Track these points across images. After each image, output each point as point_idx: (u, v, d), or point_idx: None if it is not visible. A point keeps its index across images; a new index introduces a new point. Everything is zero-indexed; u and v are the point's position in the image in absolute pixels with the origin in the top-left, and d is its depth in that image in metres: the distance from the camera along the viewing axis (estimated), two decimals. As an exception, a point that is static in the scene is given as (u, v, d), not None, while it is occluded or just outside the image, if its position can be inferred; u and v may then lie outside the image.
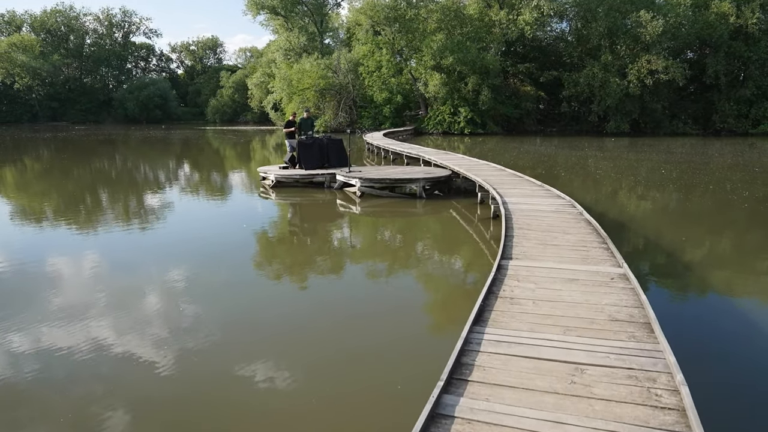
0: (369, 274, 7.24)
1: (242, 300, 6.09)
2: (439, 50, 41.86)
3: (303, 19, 61.12)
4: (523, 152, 27.98)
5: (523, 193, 9.13)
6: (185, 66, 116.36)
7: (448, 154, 18.14)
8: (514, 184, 10.19)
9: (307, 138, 14.47)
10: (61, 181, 17.90)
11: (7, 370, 4.37)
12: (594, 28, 42.15)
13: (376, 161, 22.72)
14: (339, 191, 13.29)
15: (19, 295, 6.21)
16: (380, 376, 4.27)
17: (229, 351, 4.71)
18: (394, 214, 11.45)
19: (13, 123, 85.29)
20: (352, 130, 13.86)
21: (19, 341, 4.88)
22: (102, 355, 4.64)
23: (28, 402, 3.91)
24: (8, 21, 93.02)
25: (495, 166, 13.73)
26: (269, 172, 13.99)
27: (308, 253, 8.24)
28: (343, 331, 5.21)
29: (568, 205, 8.21)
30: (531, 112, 46.67)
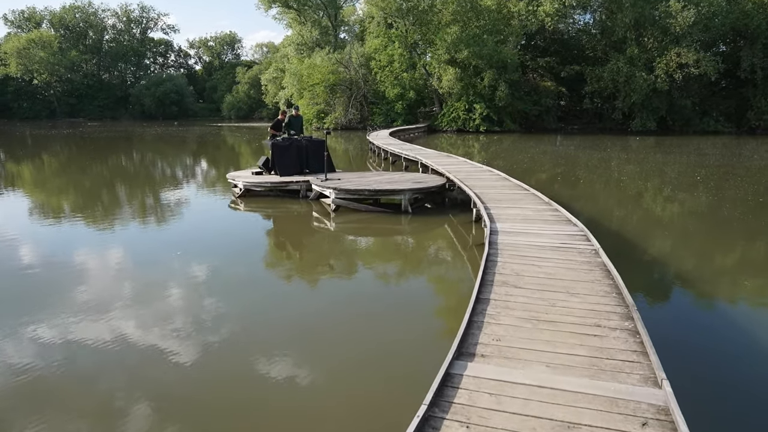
0: (306, 336, 5.45)
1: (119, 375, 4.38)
2: (453, 43, 39.78)
3: (317, 13, 59.48)
4: (540, 152, 25.87)
5: (524, 216, 7.16)
6: (203, 62, 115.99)
7: (449, 157, 16.22)
8: (515, 200, 8.27)
9: (283, 139, 12.70)
10: (57, 184, 16.53)
11: (35, 361, 4.45)
12: (619, 20, 39.54)
13: (377, 164, 20.89)
14: (316, 202, 11.51)
15: (43, 289, 6.43)
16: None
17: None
18: (371, 233, 9.63)
19: (31, 119, 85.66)
20: (327, 131, 11.98)
21: (45, 334, 5.01)
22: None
23: (55, 393, 4.00)
24: (28, 17, 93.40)
25: (498, 174, 11.78)
26: (238, 178, 12.27)
27: (229, 303, 6.43)
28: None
29: (580, 237, 6.13)
30: (551, 109, 44.25)
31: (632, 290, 4.32)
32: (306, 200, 11.73)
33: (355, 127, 45.61)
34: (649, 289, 6.17)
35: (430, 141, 34.56)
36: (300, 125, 13.49)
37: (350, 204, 10.35)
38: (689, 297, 6.10)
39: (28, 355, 4.55)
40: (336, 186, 10.27)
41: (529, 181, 16.41)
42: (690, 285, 6.47)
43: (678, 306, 5.81)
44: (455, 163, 14.18)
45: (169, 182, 16.97)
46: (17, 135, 44.68)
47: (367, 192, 10.03)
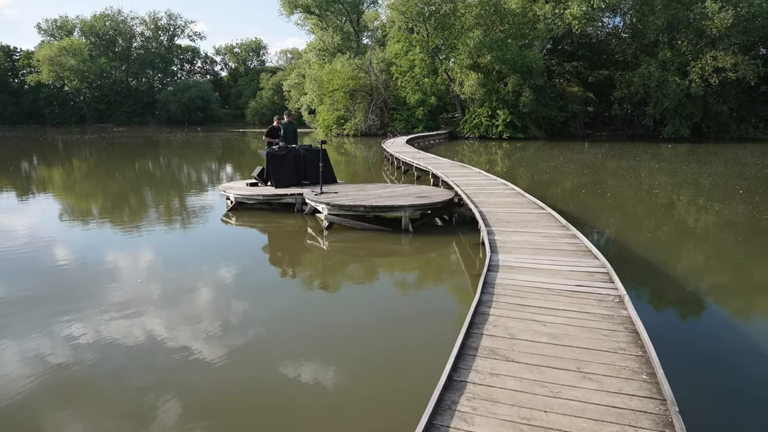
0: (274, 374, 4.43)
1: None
2: (476, 47, 38.54)
3: (339, 18, 58.93)
4: (566, 161, 24.48)
5: (534, 244, 5.93)
6: (229, 68, 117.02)
7: (463, 167, 15.06)
8: (526, 222, 7.04)
9: (279, 148, 11.76)
10: (85, 188, 15.99)
11: (67, 358, 4.62)
12: (651, 22, 37.76)
13: (391, 172, 19.84)
14: (311, 217, 10.53)
15: (77, 289, 6.67)
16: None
17: None
18: (365, 254, 8.58)
19: (62, 124, 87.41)
20: (322, 141, 10.98)
21: (77, 332, 5.17)
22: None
23: (86, 389, 4.14)
24: (60, 26, 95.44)
25: (512, 189, 10.58)
26: (230, 190, 11.36)
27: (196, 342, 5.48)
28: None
29: (602, 276, 4.81)
30: (578, 115, 42.56)
31: (669, 363, 3.16)
32: (301, 215, 10.74)
33: (375, 134, 44.72)
34: (694, 364, 4.44)
35: (451, 148, 33.41)
36: (292, 133, 12.52)
37: (344, 221, 9.31)
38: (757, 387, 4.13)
39: (61, 352, 4.76)
40: (329, 201, 9.25)
41: (551, 191, 15.31)
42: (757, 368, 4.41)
43: (741, 401, 4.02)
44: (468, 174, 13.03)
45: (171, 190, 16.22)
46: (49, 141, 45.08)
47: (362, 208, 8.98)
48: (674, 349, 4.57)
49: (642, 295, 6.24)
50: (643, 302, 5.99)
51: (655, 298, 6.27)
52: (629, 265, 7.36)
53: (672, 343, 4.69)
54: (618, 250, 8.26)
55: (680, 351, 4.62)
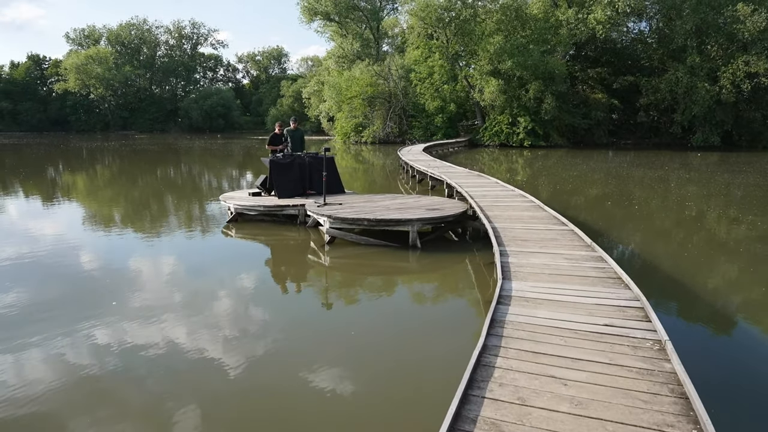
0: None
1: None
2: (496, 53, 37.69)
3: (359, 25, 58.63)
4: (589, 170, 23.48)
5: (555, 269, 5.14)
6: (250, 76, 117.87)
7: (480, 176, 14.26)
8: (546, 241, 6.22)
9: (283, 156, 11.15)
10: (108, 195, 15.67)
11: (91, 362, 4.65)
12: (679, 26, 36.47)
13: (406, 181, 19.12)
14: (314, 230, 9.87)
15: (99, 295, 6.61)
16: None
17: None
18: (367, 272, 7.88)
19: (87, 131, 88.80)
20: (326, 148, 10.31)
21: (101, 337, 5.22)
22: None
23: (108, 393, 4.16)
24: (88, 35, 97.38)
25: (532, 201, 9.76)
26: (231, 200, 10.77)
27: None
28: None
29: (636, 312, 3.96)
30: (602, 123, 41.29)
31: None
32: (304, 227, 10.08)
33: (394, 141, 44.10)
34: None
35: (470, 156, 32.58)
36: (300, 140, 11.89)
37: (347, 236, 8.62)
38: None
39: (84, 355, 4.84)
40: (331, 213, 8.57)
41: (574, 203, 14.41)
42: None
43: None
44: (484, 184, 12.24)
45: (177, 199, 15.74)
46: (72, 148, 45.57)
47: (366, 222, 8.27)
48: (736, 415, 3.72)
49: (686, 337, 5.15)
50: (689, 346, 4.81)
51: (701, 341, 5.13)
52: (667, 295, 6.45)
53: (729, 405, 3.86)
54: (652, 276, 7.28)
55: (738, 413, 3.78)
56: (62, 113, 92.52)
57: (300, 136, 12.12)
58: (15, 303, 6.33)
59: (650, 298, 4.31)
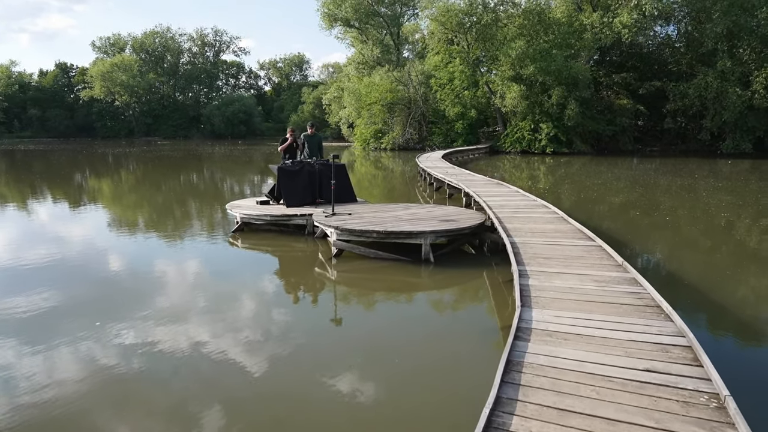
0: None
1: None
2: (518, 58, 36.93)
3: (379, 31, 58.39)
4: (614, 178, 22.60)
5: (583, 294, 4.48)
6: (272, 83, 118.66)
7: (499, 185, 13.60)
8: (572, 259, 5.54)
9: (292, 162, 10.67)
10: (132, 200, 15.50)
11: (118, 363, 4.73)
12: (709, 30, 35.24)
13: (423, 189, 18.53)
14: (323, 240, 9.35)
15: (127, 298, 6.69)
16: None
17: None
18: (376, 289, 7.33)
19: (112, 138, 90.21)
20: (335, 156, 9.78)
21: (128, 338, 5.31)
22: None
23: (133, 394, 4.24)
24: (113, 43, 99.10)
25: (555, 213, 9.08)
26: (238, 208, 10.32)
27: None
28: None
29: (683, 354, 3.29)
30: (627, 129, 40.13)
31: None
32: (312, 238, 9.58)
33: (413, 148, 43.55)
34: None
35: (491, 163, 31.87)
36: (317, 146, 11.41)
37: (355, 248, 8.07)
38: None
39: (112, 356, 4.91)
40: (339, 224, 8.04)
41: (599, 212, 13.64)
42: None
43: None
44: (504, 193, 11.59)
45: (188, 205, 15.41)
46: (97, 154, 46.12)
47: (375, 234, 7.71)
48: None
49: (753, 391, 4.05)
50: (759, 403, 3.84)
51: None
52: (718, 329, 5.54)
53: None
54: (696, 302, 6.35)
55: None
56: (88, 120, 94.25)
57: (318, 141, 11.66)
58: (40, 304, 6.42)
59: (698, 332, 3.65)
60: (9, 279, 7.70)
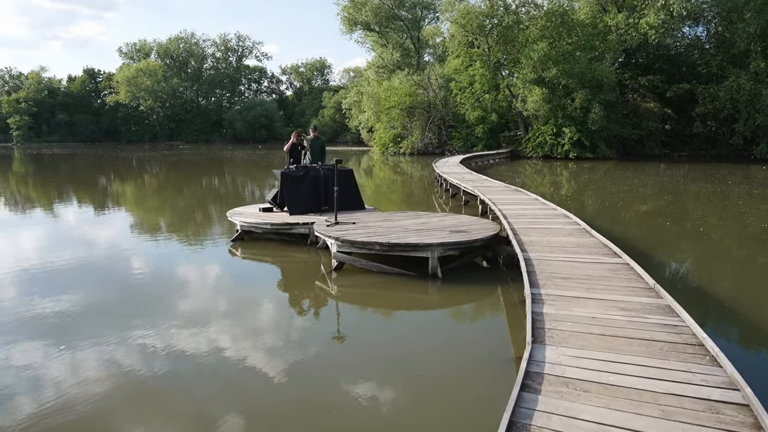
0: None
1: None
2: (540, 61, 35.96)
3: (399, 35, 57.85)
4: (640, 184, 21.61)
5: (608, 325, 3.81)
6: (294, 87, 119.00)
7: (518, 192, 12.84)
8: (595, 280, 4.78)
9: (296, 168, 10.12)
10: (154, 204, 15.26)
11: (141, 366, 4.77)
12: (741, 30, 33.83)
13: (440, 195, 17.84)
14: (325, 251, 8.75)
15: (149, 301, 6.72)
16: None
17: None
18: (377, 306, 6.72)
19: (136, 142, 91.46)
20: (337, 160, 9.14)
21: (152, 342, 5.30)
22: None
23: (155, 396, 4.29)
24: (139, 49, 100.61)
25: (577, 224, 8.30)
26: (238, 215, 9.80)
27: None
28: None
29: (739, 417, 2.55)
30: (654, 133, 38.76)
31: None
32: (315, 248, 8.99)
33: (433, 152, 42.82)
34: None
35: (512, 168, 31.03)
36: (320, 150, 10.86)
37: (356, 261, 7.45)
38: None
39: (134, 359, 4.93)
40: (340, 235, 7.42)
41: (625, 222, 12.76)
42: None
43: None
44: (521, 201, 10.85)
45: (194, 212, 14.99)
46: (120, 158, 46.58)
47: (378, 246, 7.08)
48: None
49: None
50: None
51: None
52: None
53: None
54: (750, 340, 5.34)
55: None
56: (114, 124, 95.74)
57: (320, 145, 11.12)
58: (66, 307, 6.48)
59: (756, 383, 2.92)
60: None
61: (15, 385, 4.51)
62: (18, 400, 4.23)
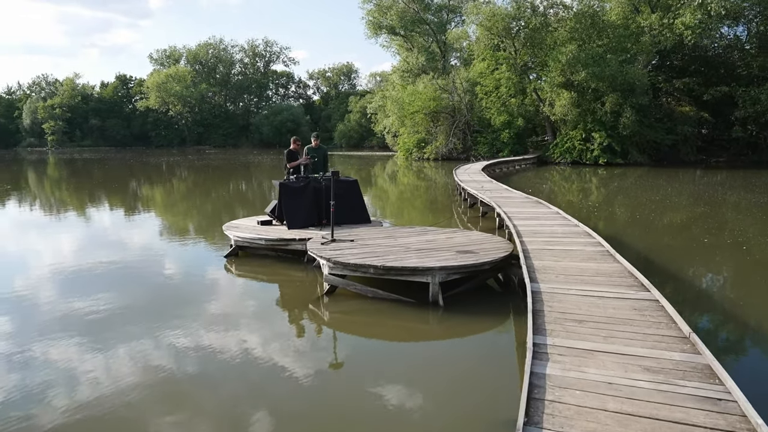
0: None
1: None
2: (569, 64, 34.71)
3: (425, 39, 57.10)
4: (675, 192, 20.38)
5: (630, 397, 2.92)
6: (321, 92, 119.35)
7: (538, 204, 11.91)
8: (617, 324, 3.84)
9: (298, 178, 9.47)
10: (183, 207, 15.03)
11: (172, 366, 4.97)
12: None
13: (458, 204, 17.01)
14: (320, 270, 8.04)
15: (179, 303, 7.02)
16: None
17: None
18: (368, 337, 6.00)
19: (165, 146, 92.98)
20: (334, 172, 8.39)
21: (183, 342, 5.55)
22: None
23: (185, 397, 4.44)
24: (169, 55, 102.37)
25: (599, 245, 7.36)
26: (234, 229, 9.19)
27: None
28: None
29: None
30: (689, 138, 37.01)
31: None
32: (312, 266, 8.30)
33: (457, 158, 41.83)
34: None
35: (539, 175, 29.93)
36: (322, 159, 10.19)
37: (350, 285, 6.72)
38: None
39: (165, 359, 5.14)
40: (332, 256, 6.70)
41: (656, 238, 11.68)
42: None
43: None
44: (540, 215, 9.94)
45: (203, 217, 14.51)
46: (149, 163, 47.15)
47: (372, 269, 6.34)
48: None
49: None
50: None
51: None
52: None
53: None
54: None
55: None
56: (144, 129, 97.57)
57: (323, 154, 10.46)
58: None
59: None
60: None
61: (52, 381, 4.70)
62: (55, 396, 4.43)
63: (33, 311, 6.74)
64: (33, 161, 54.33)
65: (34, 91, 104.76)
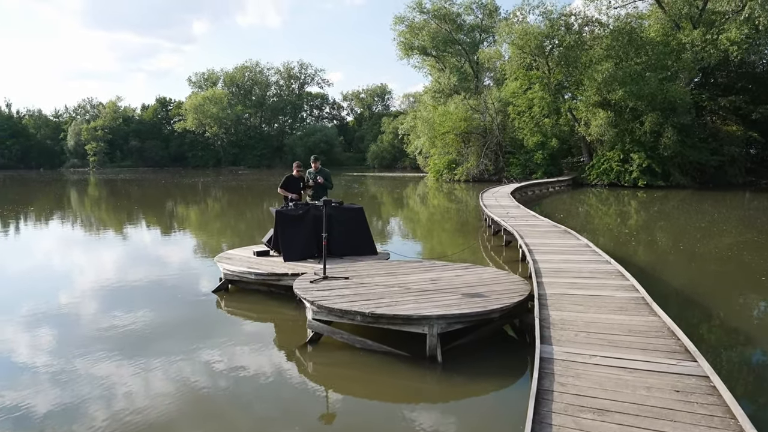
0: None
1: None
2: (605, 82, 33.35)
3: (457, 59, 56.45)
4: (722, 218, 18.81)
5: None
6: (354, 113, 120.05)
7: (566, 234, 10.75)
8: (648, 420, 2.88)
9: (295, 206, 8.68)
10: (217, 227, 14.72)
11: (206, 384, 5.05)
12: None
13: (484, 230, 15.94)
14: (315, 310, 7.15)
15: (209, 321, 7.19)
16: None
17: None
18: (356, 396, 5.09)
19: (201, 167, 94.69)
20: (339, 202, 7.54)
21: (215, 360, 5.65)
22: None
23: (218, 415, 4.43)
24: (207, 78, 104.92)
25: (632, 288, 6.23)
26: (225, 260, 8.42)
27: None
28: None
29: None
30: (737, 159, 34.88)
31: None
32: (303, 306, 7.42)
33: (489, 179, 40.66)
34: None
35: (574, 197, 28.56)
36: (324, 185, 9.38)
37: (336, 333, 5.81)
38: None
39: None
40: (316, 298, 5.83)
41: (701, 275, 10.34)
42: None
43: None
44: (567, 249, 8.83)
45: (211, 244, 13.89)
46: (185, 183, 47.82)
47: (360, 317, 5.42)
48: None
49: None
50: None
51: None
52: None
53: None
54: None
55: None
56: (181, 150, 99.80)
57: (324, 177, 9.65)
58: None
59: None
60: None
61: (90, 394, 4.80)
62: (92, 409, 4.51)
63: (75, 325, 7.07)
64: (74, 181, 55.77)
65: (79, 114, 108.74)
